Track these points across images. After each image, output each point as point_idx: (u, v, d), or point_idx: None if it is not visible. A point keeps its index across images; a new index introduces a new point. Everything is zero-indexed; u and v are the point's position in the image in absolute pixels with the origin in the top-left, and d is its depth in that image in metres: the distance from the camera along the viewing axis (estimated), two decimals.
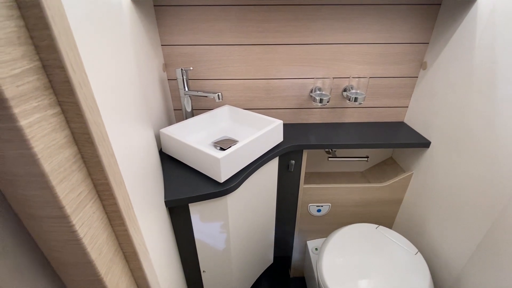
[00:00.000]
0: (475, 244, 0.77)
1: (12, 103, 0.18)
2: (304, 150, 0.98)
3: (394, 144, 0.98)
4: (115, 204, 0.28)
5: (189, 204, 0.74)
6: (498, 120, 0.70)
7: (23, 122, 0.19)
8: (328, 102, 0.98)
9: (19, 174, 0.21)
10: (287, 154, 0.98)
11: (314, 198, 1.10)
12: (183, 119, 1.03)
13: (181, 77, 0.92)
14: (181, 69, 0.91)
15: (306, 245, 1.25)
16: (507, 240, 0.65)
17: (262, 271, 1.22)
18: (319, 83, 1.02)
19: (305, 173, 1.27)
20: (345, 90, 1.05)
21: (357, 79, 0.98)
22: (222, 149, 0.86)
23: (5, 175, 0.21)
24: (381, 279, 0.86)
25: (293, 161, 0.99)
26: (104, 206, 0.28)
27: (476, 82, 0.77)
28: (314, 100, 0.98)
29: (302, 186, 1.06)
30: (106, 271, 0.29)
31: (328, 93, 1.00)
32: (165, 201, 0.69)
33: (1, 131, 0.19)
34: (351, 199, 1.12)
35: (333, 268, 0.90)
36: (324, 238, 1.25)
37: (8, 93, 0.18)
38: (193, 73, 1.00)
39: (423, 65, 1.01)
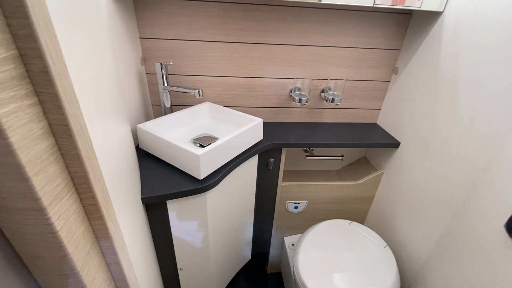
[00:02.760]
0: (437, 237, 0.84)
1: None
2: (283, 149, 1.00)
3: (367, 144, 1.03)
4: (93, 197, 0.27)
5: (167, 201, 0.73)
6: (459, 123, 0.76)
7: None
8: (307, 102, 1.01)
9: None
10: (267, 152, 1.00)
11: (292, 195, 1.13)
12: (161, 115, 1.01)
13: (161, 72, 0.90)
14: (161, 64, 0.89)
15: (283, 241, 1.28)
16: (463, 232, 0.72)
17: (240, 268, 1.23)
18: (298, 84, 1.04)
19: (283, 171, 1.30)
20: (323, 91, 1.09)
21: (334, 81, 1.02)
22: (201, 146, 0.86)
23: None
24: (353, 272, 0.91)
25: (272, 159, 1.01)
26: (81, 200, 0.27)
27: (441, 88, 0.83)
28: (294, 100, 1.01)
29: (281, 183, 1.09)
30: (83, 265, 0.28)
31: (307, 94, 1.03)
32: (142, 198, 0.68)
33: None
34: (327, 196, 1.16)
35: (309, 263, 0.93)
36: (301, 234, 1.29)
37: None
38: (172, 68, 0.98)
39: (395, 70, 1.07)
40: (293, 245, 1.24)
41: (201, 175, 0.73)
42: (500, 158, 0.62)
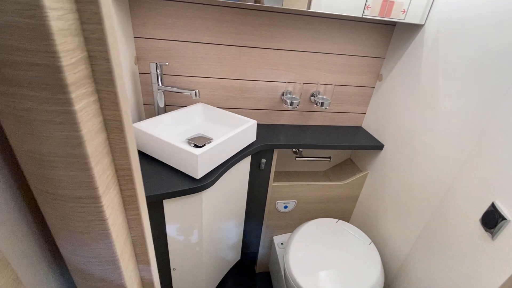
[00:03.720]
0: (417, 234, 0.90)
1: (71, 88, 0.21)
2: (274, 150, 1.03)
3: (353, 146, 1.09)
4: (133, 189, 0.29)
5: (164, 201, 0.74)
6: (438, 128, 0.83)
7: (76, 107, 0.21)
8: (298, 105, 1.05)
9: (61, 155, 0.22)
10: (259, 153, 1.02)
11: (282, 195, 1.17)
12: (154, 115, 1.01)
13: (155, 72, 0.90)
14: (156, 64, 0.89)
15: (272, 241, 1.31)
16: (441, 229, 0.78)
17: (230, 268, 1.24)
18: (290, 87, 1.08)
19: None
20: (312, 95, 1.14)
21: (324, 85, 1.07)
22: (196, 146, 0.86)
23: (44, 156, 0.21)
24: (341, 268, 0.95)
25: (264, 160, 1.04)
26: (121, 191, 0.29)
27: (422, 94, 0.90)
28: (285, 102, 1.04)
29: (272, 184, 1.12)
30: (121, 253, 0.30)
31: (298, 97, 1.07)
32: None
33: (55, 113, 0.20)
34: (315, 196, 1.20)
35: (299, 260, 0.97)
36: (290, 233, 1.32)
37: (69, 79, 0.20)
38: (166, 69, 0.99)
39: (379, 77, 1.14)
40: (282, 244, 1.27)
41: (199, 175, 0.74)
42: (474, 159, 0.69)
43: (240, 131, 0.86)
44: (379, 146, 1.10)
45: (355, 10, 0.85)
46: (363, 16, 0.86)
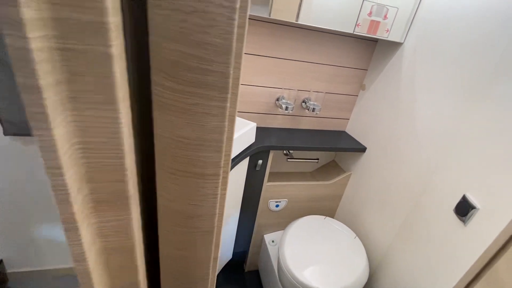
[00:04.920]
0: (397, 226, 1.02)
1: (229, 90, 0.28)
2: (270, 151, 1.10)
3: (341, 148, 1.19)
4: (228, 171, 0.36)
5: None
6: (415, 132, 0.96)
7: (227, 104, 0.28)
8: (292, 110, 1.13)
9: (207, 140, 0.30)
10: (256, 154, 1.08)
11: (274, 195, 1.23)
12: None
13: None
14: None
15: (263, 239, 1.36)
16: (419, 220, 0.90)
17: (222, 267, 1.27)
18: (285, 93, 1.16)
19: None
20: (303, 101, 1.22)
21: (315, 93, 1.16)
22: None
23: (193, 140, 0.27)
24: (330, 260, 1.04)
25: (261, 161, 1.10)
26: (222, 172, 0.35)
27: (401, 104, 1.03)
28: (281, 107, 1.12)
29: (266, 183, 1.18)
30: (218, 225, 0.34)
31: (292, 103, 1.15)
32: None
33: (215, 108, 0.26)
34: (304, 195, 1.29)
35: (294, 254, 1.04)
36: (280, 231, 1.39)
37: (230, 82, 0.28)
38: None
39: (362, 87, 1.26)
40: (273, 241, 1.33)
41: None
42: (447, 159, 0.82)
43: (242, 133, 0.91)
44: (362, 149, 1.22)
45: (347, 27, 0.95)
46: (354, 33, 0.96)
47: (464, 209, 0.72)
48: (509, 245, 0.58)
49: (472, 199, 0.71)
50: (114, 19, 0.22)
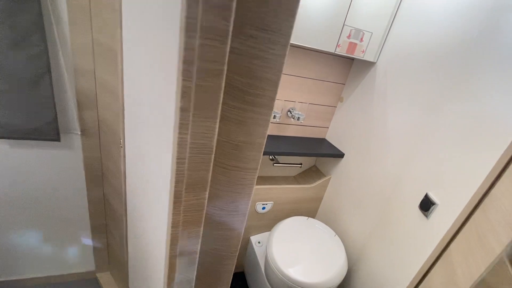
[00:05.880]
0: (372, 224, 1.15)
1: (272, 109, 0.39)
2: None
3: (320, 154, 1.31)
4: (257, 168, 0.47)
5: None
6: (387, 139, 1.10)
7: (269, 117, 0.35)
8: (279, 118, 1.23)
9: (253, 142, 0.40)
10: None
11: (261, 197, 1.31)
12: None
13: None
14: None
15: (249, 240, 1.43)
16: (390, 217, 1.03)
17: None
18: None
19: None
20: (289, 110, 1.33)
21: (300, 103, 1.28)
22: None
23: (244, 143, 0.36)
24: (314, 257, 1.14)
25: None
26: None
27: (374, 114, 1.18)
28: None
29: (254, 186, 1.25)
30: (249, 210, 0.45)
31: (279, 112, 1.26)
32: None
33: (261, 120, 0.35)
34: (288, 197, 1.39)
35: (282, 253, 1.12)
36: (266, 233, 1.47)
37: (273, 104, 0.39)
38: None
39: (340, 99, 1.41)
40: (259, 242, 1.41)
41: None
42: (413, 162, 0.96)
43: None
44: (340, 155, 1.35)
45: (329, 47, 1.08)
46: (335, 52, 1.10)
47: (426, 205, 0.86)
48: (459, 231, 0.72)
49: (433, 196, 0.85)
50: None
